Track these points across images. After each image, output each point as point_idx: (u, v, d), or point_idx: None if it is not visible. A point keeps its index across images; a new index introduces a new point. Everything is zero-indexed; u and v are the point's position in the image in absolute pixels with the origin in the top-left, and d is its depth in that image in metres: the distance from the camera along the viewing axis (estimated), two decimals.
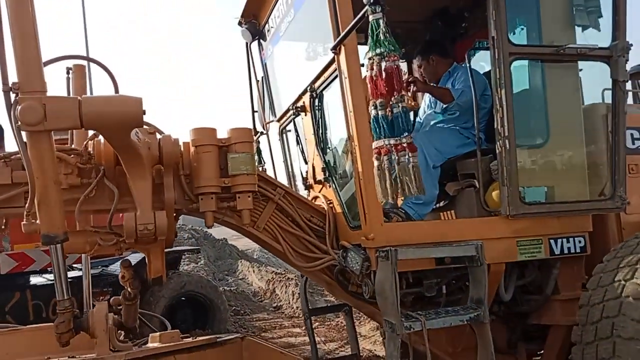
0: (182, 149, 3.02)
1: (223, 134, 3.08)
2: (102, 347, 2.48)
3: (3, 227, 2.98)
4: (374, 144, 2.74)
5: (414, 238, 3.15)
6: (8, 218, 2.98)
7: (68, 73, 3.29)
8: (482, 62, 4.31)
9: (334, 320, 8.99)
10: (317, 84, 3.61)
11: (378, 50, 2.60)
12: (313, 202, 3.65)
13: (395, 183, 2.66)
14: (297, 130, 4.19)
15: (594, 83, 3.74)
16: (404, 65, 5.10)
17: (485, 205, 3.46)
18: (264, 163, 4.71)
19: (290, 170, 4.54)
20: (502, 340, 3.90)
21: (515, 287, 3.57)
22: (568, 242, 3.45)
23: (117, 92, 3.07)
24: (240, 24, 4.48)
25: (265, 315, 10.60)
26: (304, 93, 3.77)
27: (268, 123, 4.65)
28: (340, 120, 3.35)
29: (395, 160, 2.64)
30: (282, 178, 4.60)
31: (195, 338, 2.98)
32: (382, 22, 2.59)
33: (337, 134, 3.78)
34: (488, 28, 3.29)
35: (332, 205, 3.51)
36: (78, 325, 2.53)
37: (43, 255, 6.54)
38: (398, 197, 2.72)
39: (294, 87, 3.99)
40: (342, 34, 2.95)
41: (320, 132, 3.70)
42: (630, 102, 4.57)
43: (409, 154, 2.63)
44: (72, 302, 2.49)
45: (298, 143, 4.18)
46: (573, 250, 3.47)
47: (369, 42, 2.64)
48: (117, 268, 7.43)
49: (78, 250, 3.04)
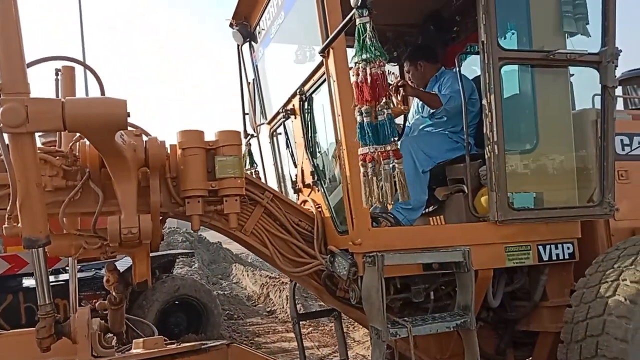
0: (168, 152, 3.00)
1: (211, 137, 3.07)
2: (83, 352, 2.46)
3: None
4: (360, 151, 2.72)
5: (402, 243, 3.13)
6: None
7: (57, 75, 3.26)
8: (473, 66, 4.31)
9: (328, 325, 8.90)
10: (306, 87, 3.60)
11: (364, 56, 2.58)
12: (302, 206, 3.63)
13: (380, 190, 2.64)
14: (287, 133, 4.17)
15: (585, 88, 3.74)
16: (396, 69, 5.10)
17: (474, 211, 3.45)
18: (257, 166, 4.70)
19: (280, 174, 4.53)
20: (490, 347, 3.89)
21: (504, 293, 3.57)
22: (556, 248, 3.44)
23: (103, 93, 3.05)
24: (232, 26, 4.47)
25: (259, 320, 10.53)
26: (294, 96, 3.75)
27: (259, 125, 4.63)
28: (330, 124, 3.33)
29: (381, 167, 2.61)
30: (272, 181, 4.60)
31: (181, 344, 2.95)
32: (368, 26, 2.57)
33: (326, 138, 3.76)
34: (478, 32, 3.29)
35: (320, 210, 3.49)
36: (59, 331, 2.50)
37: None
38: (381, 204, 2.70)
39: (285, 89, 3.97)
40: (330, 37, 2.94)
41: (310, 135, 3.68)
42: (621, 107, 4.57)
43: (394, 161, 2.62)
44: (53, 307, 2.46)
45: (288, 146, 4.16)
46: (561, 257, 3.46)
47: (356, 46, 2.63)
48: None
49: (63, 254, 3.01)
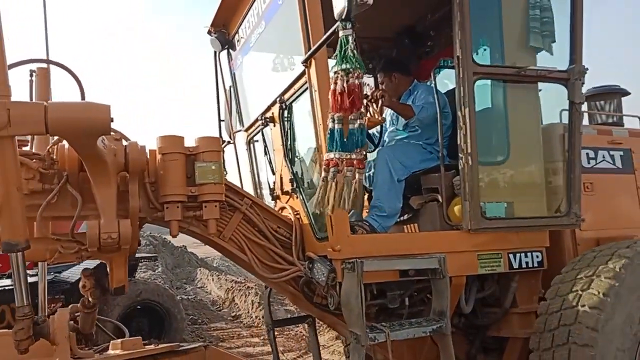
0: (148, 157, 2.99)
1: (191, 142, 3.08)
2: (62, 354, 2.43)
3: None
4: (325, 156, 2.79)
5: (379, 250, 3.19)
6: None
7: (31, 76, 3.22)
8: (445, 80, 4.43)
9: (293, 330, 8.94)
10: (286, 96, 3.64)
11: (344, 66, 2.65)
12: (280, 212, 3.65)
13: (336, 196, 2.72)
14: (265, 141, 4.20)
15: (554, 104, 3.89)
16: (371, 80, 5.19)
17: (448, 219, 3.54)
18: (226, 173, 4.69)
19: (257, 181, 4.54)
20: (461, 352, 3.96)
21: (475, 299, 3.66)
22: (526, 256, 3.57)
23: (83, 97, 3.03)
24: (210, 33, 4.49)
25: (224, 325, 10.46)
26: (274, 104, 3.78)
27: (235, 133, 4.64)
28: (309, 132, 3.38)
29: (342, 173, 2.71)
30: (248, 188, 4.60)
31: (158, 346, 2.94)
32: (351, 38, 2.65)
33: (305, 145, 3.81)
34: (453, 47, 3.40)
35: (299, 217, 3.53)
36: (38, 332, 2.46)
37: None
38: (334, 209, 2.78)
39: (263, 97, 4.00)
40: (313, 48, 3.00)
41: (289, 143, 3.72)
42: (587, 123, 4.77)
43: (356, 170, 2.70)
44: (31, 308, 2.43)
45: (266, 153, 4.19)
46: (531, 265, 3.58)
47: (337, 56, 2.69)
48: (69, 275, 7.20)
49: (38, 258, 2.95)
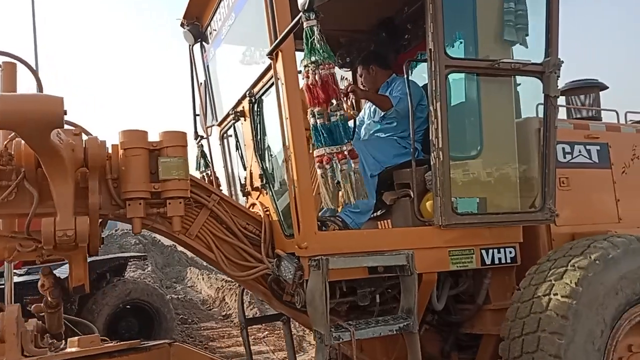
0: (109, 152, 2.92)
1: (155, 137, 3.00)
2: (11, 352, 2.36)
3: None
4: (315, 153, 2.75)
5: (348, 247, 3.13)
6: None
7: None
8: (423, 73, 4.36)
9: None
10: (255, 89, 3.56)
11: (313, 59, 2.60)
12: (250, 209, 3.59)
13: (339, 190, 2.69)
14: (237, 136, 4.12)
15: (531, 98, 3.84)
16: (349, 74, 5.13)
17: (420, 215, 3.49)
18: (211, 167, 4.62)
19: (231, 176, 4.47)
20: (435, 350, 3.93)
21: (448, 296, 3.61)
22: (499, 252, 3.52)
23: (40, 91, 2.95)
24: (183, 26, 4.40)
25: (214, 324, 10.37)
26: (244, 98, 3.71)
27: (209, 127, 4.56)
28: (279, 127, 3.31)
29: (338, 168, 2.67)
30: (222, 183, 4.53)
31: (118, 342, 2.86)
32: (316, 29, 2.58)
33: (276, 141, 3.73)
34: (426, 40, 3.34)
35: (268, 213, 3.46)
36: None
37: None
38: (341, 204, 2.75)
39: (235, 91, 3.92)
40: (277, 40, 2.92)
41: (259, 138, 3.64)
42: (565, 117, 4.72)
43: (351, 161, 2.65)
44: None
45: (238, 148, 4.12)
46: (504, 261, 3.53)
47: (304, 49, 2.63)
48: (60, 274, 7.08)
49: None
